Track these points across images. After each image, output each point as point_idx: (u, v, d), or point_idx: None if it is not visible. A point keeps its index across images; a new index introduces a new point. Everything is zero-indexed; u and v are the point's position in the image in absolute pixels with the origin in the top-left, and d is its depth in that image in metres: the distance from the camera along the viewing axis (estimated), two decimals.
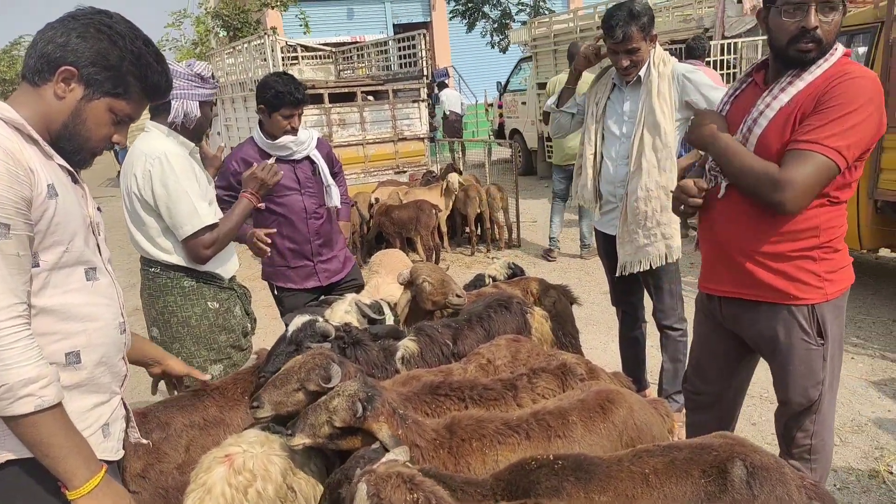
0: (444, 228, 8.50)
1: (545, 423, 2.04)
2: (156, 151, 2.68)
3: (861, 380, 4.31)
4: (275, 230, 3.31)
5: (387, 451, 1.92)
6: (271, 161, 3.25)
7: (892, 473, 3.30)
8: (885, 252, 6.23)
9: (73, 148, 1.62)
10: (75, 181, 1.64)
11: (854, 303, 5.68)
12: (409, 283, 3.00)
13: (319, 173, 3.65)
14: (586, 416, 2.06)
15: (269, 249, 3.19)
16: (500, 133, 15.70)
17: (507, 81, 15.11)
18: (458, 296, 3.00)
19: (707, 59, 7.78)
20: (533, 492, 1.77)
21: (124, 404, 1.81)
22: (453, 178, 8.24)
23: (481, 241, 8.80)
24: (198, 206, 2.72)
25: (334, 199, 3.72)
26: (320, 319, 2.59)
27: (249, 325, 3.11)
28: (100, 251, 1.69)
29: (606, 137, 3.58)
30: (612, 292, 3.96)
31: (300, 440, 1.97)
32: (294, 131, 3.49)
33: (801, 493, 1.68)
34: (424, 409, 2.24)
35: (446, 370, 2.51)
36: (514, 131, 14.49)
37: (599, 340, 5.29)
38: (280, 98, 3.37)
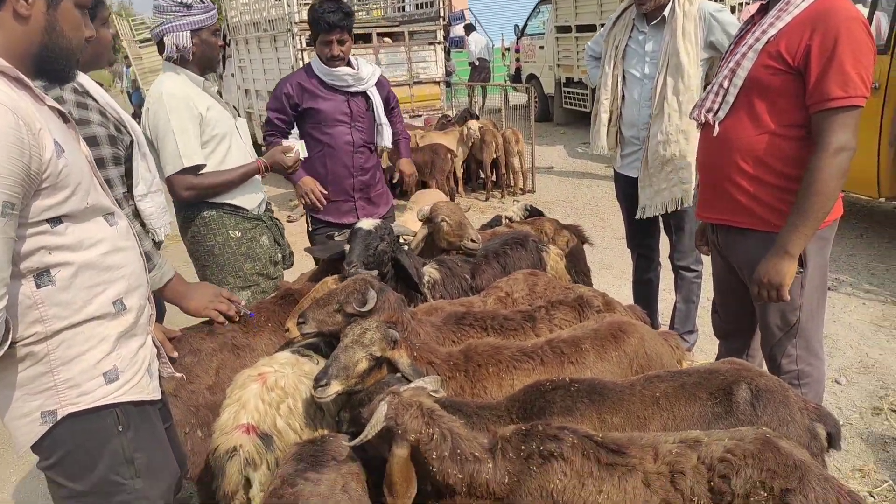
0: (459, 173, 8.50)
1: (559, 350, 2.13)
2: (157, 91, 2.79)
3: (871, 324, 4.37)
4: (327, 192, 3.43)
5: (408, 380, 2.01)
6: (295, 146, 3.17)
7: (895, 411, 3.39)
8: None
9: (61, 66, 1.50)
10: (66, 121, 1.58)
11: (869, 250, 5.70)
12: (428, 220, 3.05)
13: (373, 110, 3.64)
14: (598, 344, 2.15)
15: (320, 207, 3.31)
16: (516, 78, 15.47)
17: (525, 25, 14.78)
18: (472, 240, 3.04)
19: None
20: (547, 411, 1.87)
21: (154, 341, 1.83)
22: (473, 125, 8.18)
23: (496, 186, 8.81)
24: (182, 147, 2.73)
25: (385, 138, 3.72)
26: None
27: (280, 255, 3.19)
28: (103, 189, 1.63)
29: (628, 80, 3.56)
30: (628, 235, 4.00)
31: (335, 388, 1.95)
32: (337, 59, 3.45)
33: (802, 414, 1.76)
34: (451, 337, 2.34)
35: (467, 302, 2.60)
36: (531, 76, 14.26)
37: (612, 284, 5.36)
38: (316, 24, 3.37)
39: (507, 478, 1.63)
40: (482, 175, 8.73)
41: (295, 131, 3.73)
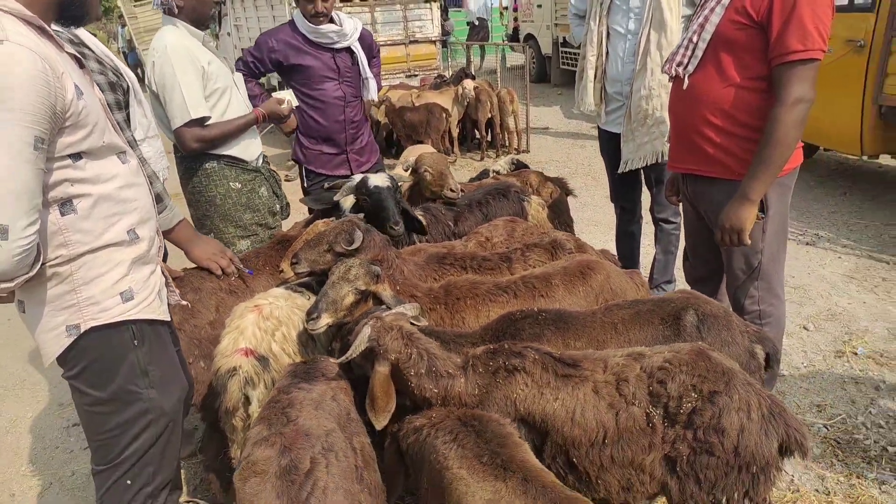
0: (454, 133, 8.61)
1: (531, 285, 2.33)
2: (160, 45, 2.86)
3: (844, 276, 4.56)
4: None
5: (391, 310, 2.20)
6: (286, 97, 3.34)
7: (856, 354, 3.61)
8: (885, 159, 6.32)
9: (78, 11, 1.68)
10: (81, 66, 1.75)
11: (850, 208, 5.86)
12: (413, 171, 3.22)
13: (359, 64, 3.76)
14: (567, 280, 2.34)
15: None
16: (514, 38, 15.40)
17: None
18: (452, 190, 3.21)
19: None
20: (517, 338, 2.06)
21: (162, 271, 2.03)
22: (468, 84, 8.25)
23: (491, 146, 8.93)
24: (188, 100, 2.85)
25: (371, 91, 3.85)
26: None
27: (278, 205, 3.34)
28: (115, 130, 1.81)
29: (612, 36, 3.68)
30: (611, 189, 4.16)
31: (325, 321, 2.16)
32: (321, 15, 3.51)
33: (743, 336, 1.96)
34: (433, 275, 2.54)
35: (449, 245, 2.79)
36: (529, 36, 14.20)
37: (599, 239, 5.55)
38: None
39: (477, 390, 1.83)
40: (477, 135, 8.84)
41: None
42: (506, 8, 17.67)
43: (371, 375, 1.89)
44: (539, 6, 13.66)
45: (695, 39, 2.54)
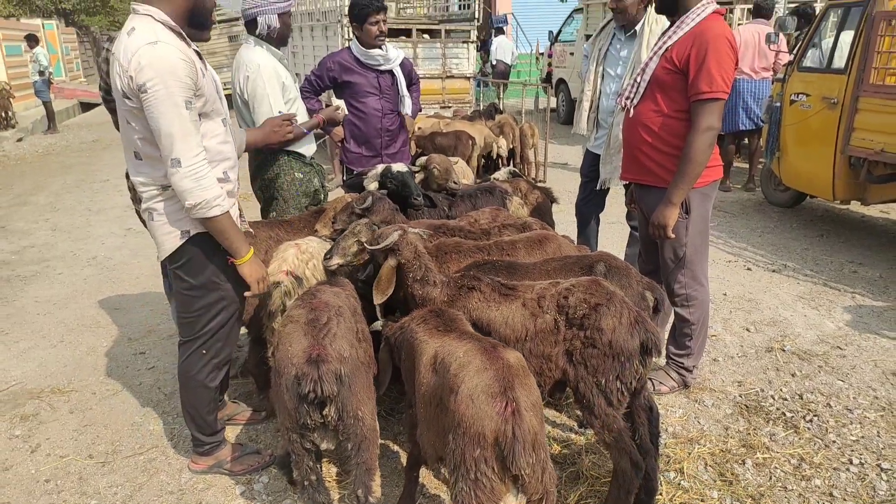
0: (474, 163, 9.47)
1: (500, 247, 3.14)
2: (253, 62, 3.71)
3: (795, 296, 5.24)
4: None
5: None
6: (340, 106, 4.27)
7: (783, 350, 4.30)
8: (872, 210, 6.96)
9: (202, 22, 2.54)
10: (201, 57, 2.58)
11: (823, 247, 6.50)
12: (424, 168, 4.10)
13: (397, 85, 4.70)
14: (528, 245, 3.15)
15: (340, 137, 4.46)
16: (548, 80, 16.41)
17: (559, 31, 15.73)
18: (454, 183, 4.07)
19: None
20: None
21: (238, 206, 2.92)
22: (502, 143, 9.17)
23: None
24: (273, 110, 3.71)
25: (406, 107, 4.78)
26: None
27: (322, 196, 4.19)
28: (221, 102, 2.66)
29: (606, 77, 4.57)
30: (578, 198, 4.97)
31: (336, 261, 3.01)
32: (383, 34, 4.47)
33: (638, 284, 2.74)
34: (428, 239, 3.35)
35: (444, 220, 3.62)
36: (561, 81, 15.19)
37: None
38: (367, 6, 4.39)
39: (446, 297, 2.64)
40: (500, 164, 9.70)
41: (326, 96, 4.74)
42: (541, 53, 18.77)
43: (381, 266, 2.69)
44: (572, 54, 14.66)
45: (639, 80, 3.38)
